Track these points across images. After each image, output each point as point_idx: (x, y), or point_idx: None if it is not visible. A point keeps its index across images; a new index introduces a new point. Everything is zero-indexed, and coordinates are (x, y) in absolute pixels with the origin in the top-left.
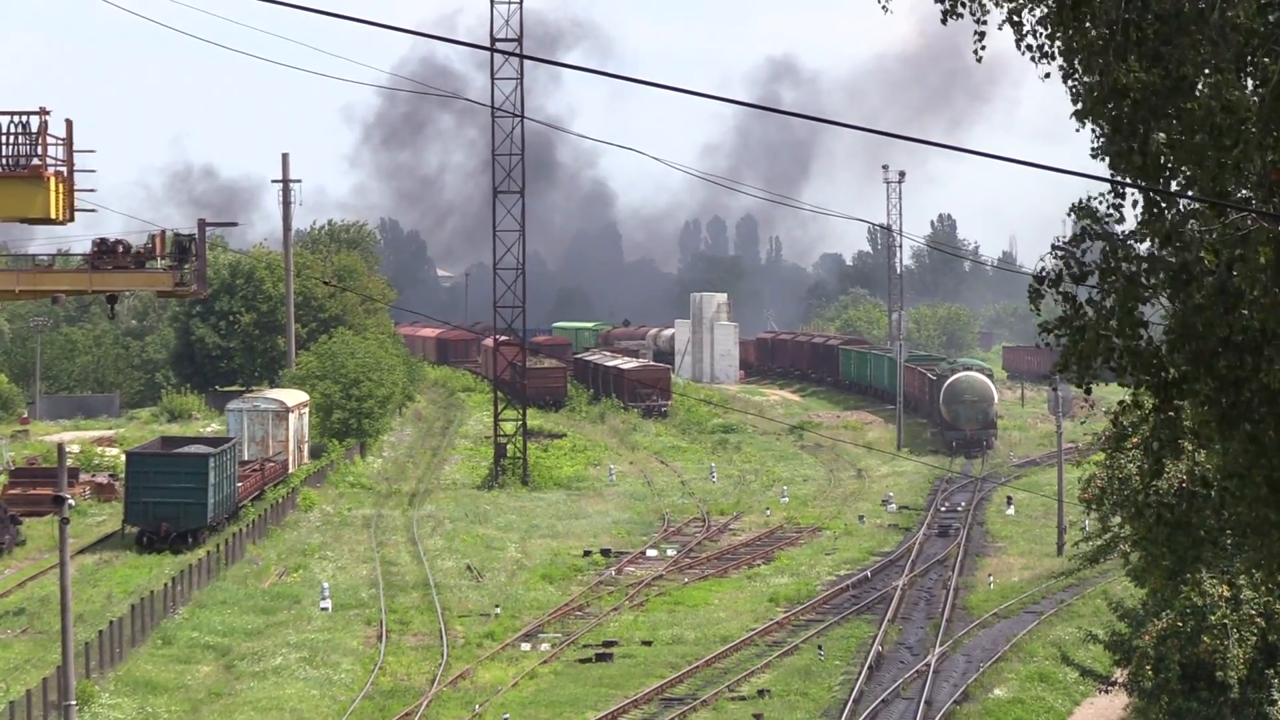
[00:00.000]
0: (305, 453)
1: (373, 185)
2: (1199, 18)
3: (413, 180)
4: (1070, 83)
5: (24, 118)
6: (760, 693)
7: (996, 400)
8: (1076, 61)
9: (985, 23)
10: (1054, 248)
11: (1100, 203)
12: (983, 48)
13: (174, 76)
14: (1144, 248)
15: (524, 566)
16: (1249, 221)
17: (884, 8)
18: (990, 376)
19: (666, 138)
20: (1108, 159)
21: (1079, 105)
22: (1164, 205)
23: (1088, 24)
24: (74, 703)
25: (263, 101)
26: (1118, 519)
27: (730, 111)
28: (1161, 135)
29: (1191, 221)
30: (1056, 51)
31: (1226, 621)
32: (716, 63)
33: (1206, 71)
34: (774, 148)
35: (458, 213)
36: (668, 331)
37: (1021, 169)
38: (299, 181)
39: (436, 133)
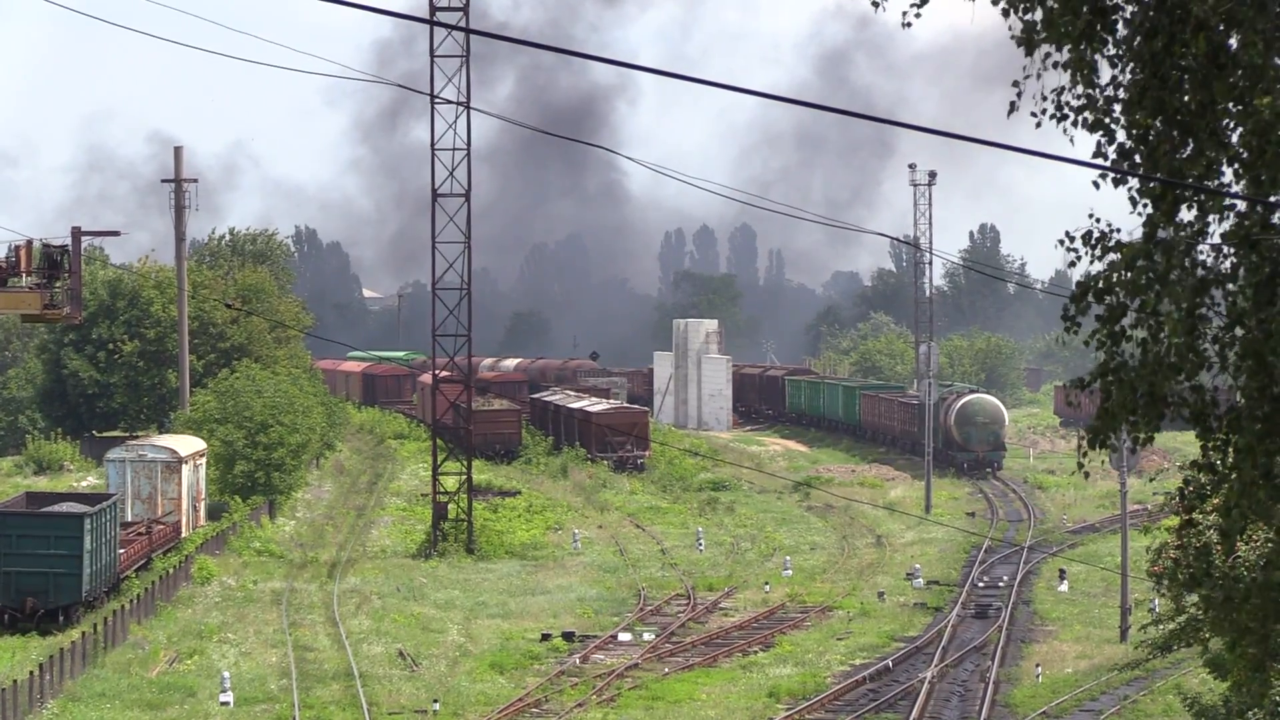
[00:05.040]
0: (202, 513)
1: (346, 183)
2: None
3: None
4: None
5: None
6: None
7: (1007, 423)
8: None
9: None
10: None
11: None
12: (917, 15)
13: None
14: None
15: (468, 653)
16: None
17: None
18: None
19: (741, 113)
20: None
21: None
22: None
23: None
24: None
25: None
26: (1194, 598)
27: (798, 89)
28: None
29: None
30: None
31: None
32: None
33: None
34: (854, 141)
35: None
36: (509, 363)
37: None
38: (194, 181)
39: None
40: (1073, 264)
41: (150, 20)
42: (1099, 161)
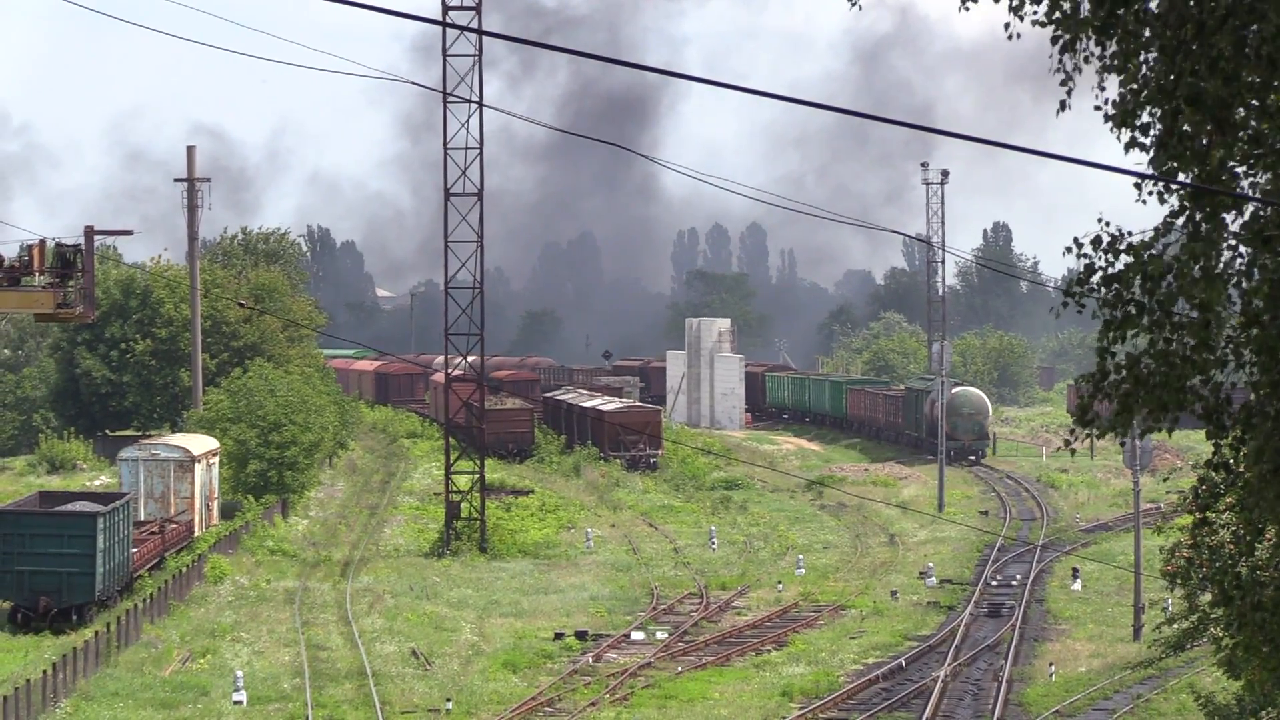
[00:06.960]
0: (215, 512)
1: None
2: None
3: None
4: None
5: None
6: None
7: (991, 414)
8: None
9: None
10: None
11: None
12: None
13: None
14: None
15: (481, 652)
16: None
17: None
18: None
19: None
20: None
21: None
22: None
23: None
24: None
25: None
26: (1207, 597)
27: (836, 83)
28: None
29: None
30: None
31: None
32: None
33: None
34: (889, 138)
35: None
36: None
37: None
38: (207, 180)
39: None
40: (1086, 270)
41: (178, 21)
42: (1127, 167)
